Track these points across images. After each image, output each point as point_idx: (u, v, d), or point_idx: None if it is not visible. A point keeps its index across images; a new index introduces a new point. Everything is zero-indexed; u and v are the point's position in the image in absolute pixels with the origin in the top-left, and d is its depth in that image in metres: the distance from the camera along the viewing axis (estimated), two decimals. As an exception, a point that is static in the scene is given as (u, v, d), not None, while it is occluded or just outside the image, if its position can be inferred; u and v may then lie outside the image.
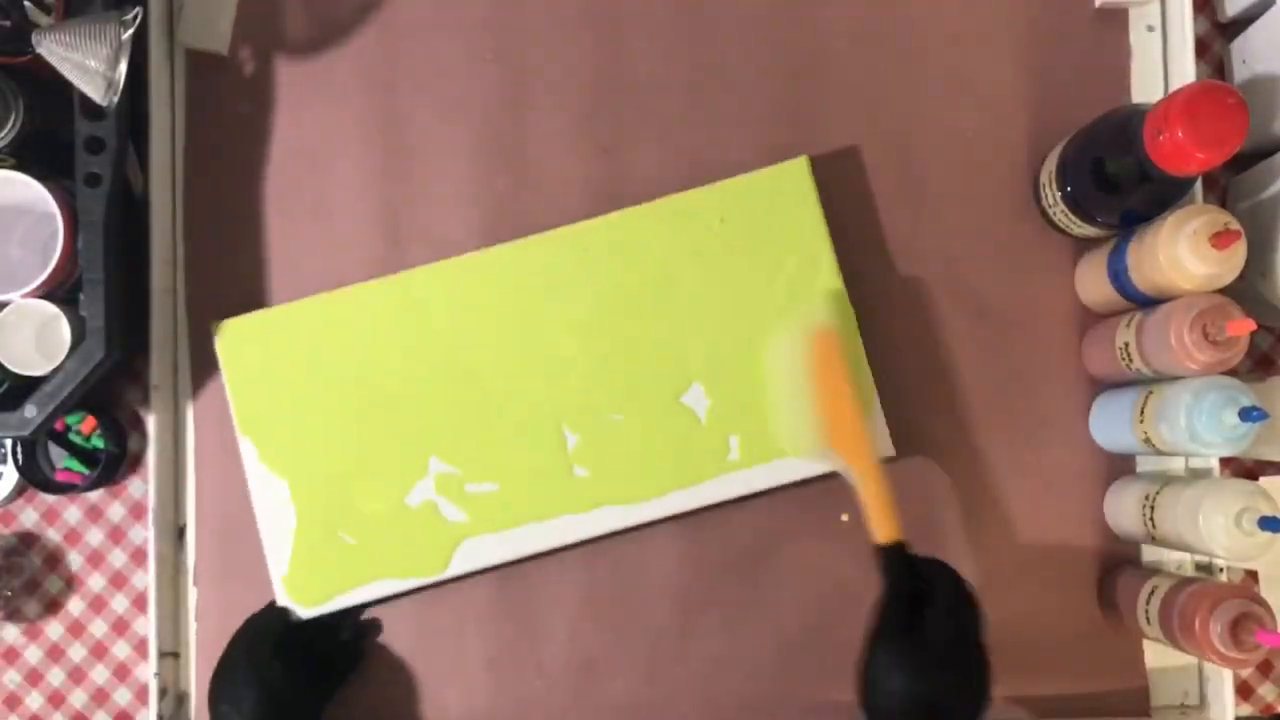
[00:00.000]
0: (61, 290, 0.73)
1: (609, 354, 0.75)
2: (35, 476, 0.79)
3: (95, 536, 0.81)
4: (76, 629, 0.81)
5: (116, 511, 0.81)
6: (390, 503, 0.74)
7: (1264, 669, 0.81)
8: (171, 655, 0.78)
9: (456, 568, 0.75)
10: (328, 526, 0.75)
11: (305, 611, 0.75)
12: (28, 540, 0.81)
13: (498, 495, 0.74)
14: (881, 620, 0.65)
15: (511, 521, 0.74)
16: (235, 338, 0.75)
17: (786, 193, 0.75)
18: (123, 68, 0.66)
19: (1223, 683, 0.76)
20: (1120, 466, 0.79)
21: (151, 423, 0.78)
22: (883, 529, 0.68)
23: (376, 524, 0.75)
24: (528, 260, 0.75)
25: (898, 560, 0.67)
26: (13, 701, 0.81)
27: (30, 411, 0.69)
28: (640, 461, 0.74)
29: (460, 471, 0.74)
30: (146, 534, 0.78)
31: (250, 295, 0.79)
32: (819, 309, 0.74)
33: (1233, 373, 0.67)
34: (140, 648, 0.81)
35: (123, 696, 0.81)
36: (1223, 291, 0.67)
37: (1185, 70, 0.78)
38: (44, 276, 0.70)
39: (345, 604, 0.75)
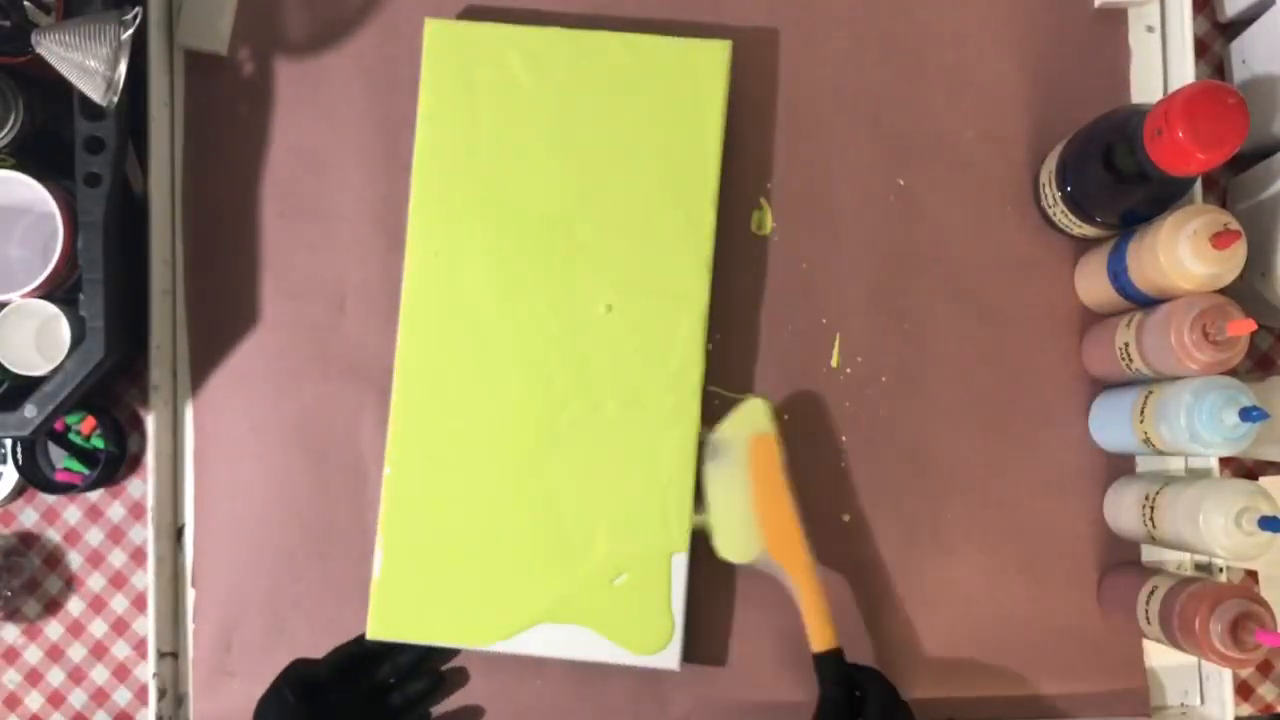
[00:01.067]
0: (61, 290, 0.73)
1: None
2: (35, 476, 0.79)
3: (95, 536, 0.81)
4: (76, 629, 0.81)
5: (116, 511, 0.81)
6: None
7: (1264, 669, 0.81)
8: (170, 655, 0.78)
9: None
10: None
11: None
12: (28, 540, 0.81)
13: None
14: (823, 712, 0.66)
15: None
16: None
17: (698, 72, 0.75)
18: (122, 68, 0.66)
19: (1223, 683, 0.77)
20: (1120, 466, 0.79)
21: (151, 423, 0.78)
22: (820, 637, 0.69)
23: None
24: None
25: (834, 668, 0.68)
26: (13, 701, 0.81)
27: (30, 411, 0.69)
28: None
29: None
30: (146, 534, 0.78)
31: (249, 295, 0.79)
32: (757, 415, 0.73)
33: (1233, 373, 0.67)
34: (140, 648, 0.81)
35: (122, 696, 0.81)
36: (1223, 291, 0.67)
37: (1185, 70, 0.78)
38: (44, 276, 0.70)
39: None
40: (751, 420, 0.73)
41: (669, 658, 0.73)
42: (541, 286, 0.75)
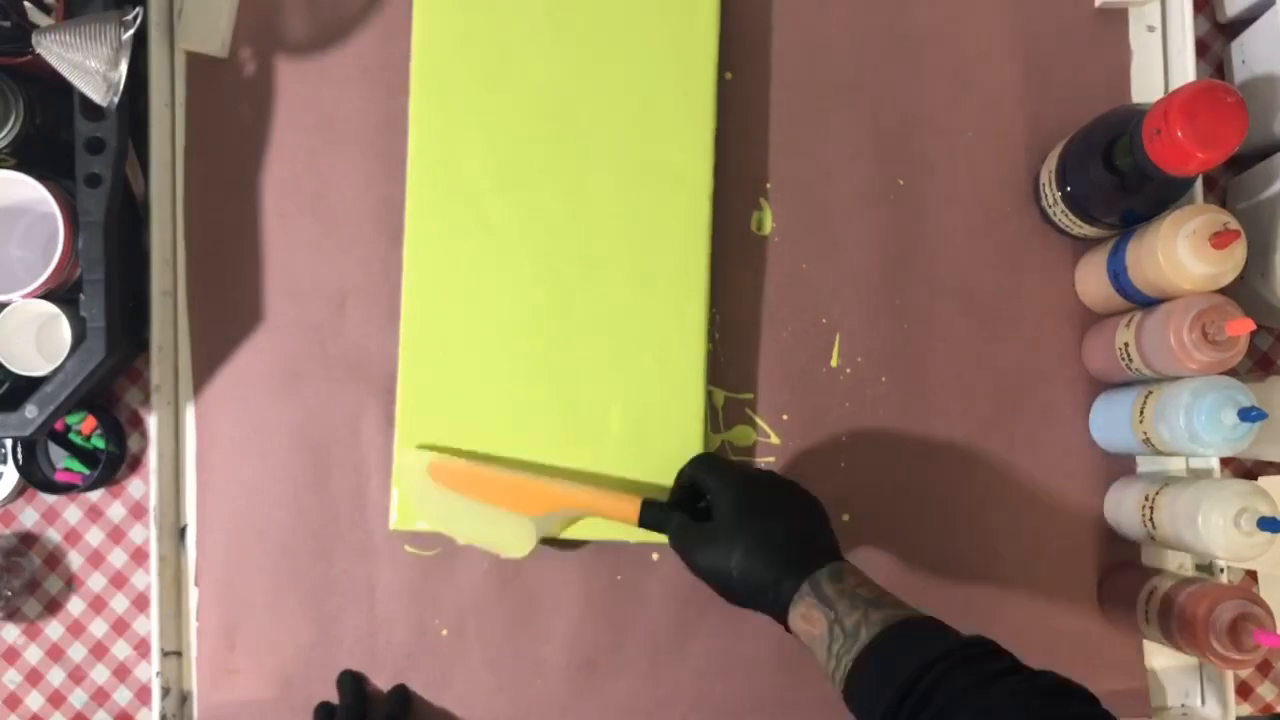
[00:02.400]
0: (61, 290, 0.74)
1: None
2: (35, 476, 0.79)
3: (95, 536, 0.81)
4: (76, 629, 0.81)
5: (116, 511, 0.81)
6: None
7: (1264, 669, 0.81)
8: (174, 654, 0.78)
9: None
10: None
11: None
12: (28, 540, 0.81)
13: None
14: (676, 537, 0.67)
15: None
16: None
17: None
18: (123, 68, 0.66)
19: (1223, 683, 0.77)
20: (1120, 466, 0.79)
21: (152, 423, 0.78)
22: (625, 512, 0.69)
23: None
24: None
25: (657, 511, 0.69)
26: (13, 702, 0.81)
27: (30, 412, 0.69)
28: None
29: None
30: (147, 534, 0.78)
31: (250, 295, 0.79)
32: (413, 460, 0.73)
33: (1232, 373, 0.67)
34: (140, 647, 0.81)
35: (123, 696, 0.81)
36: (1222, 291, 0.67)
37: (1185, 70, 0.78)
38: (44, 277, 0.70)
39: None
40: (415, 466, 0.73)
41: None
42: (542, 169, 0.75)
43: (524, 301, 0.75)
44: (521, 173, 0.75)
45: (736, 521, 0.64)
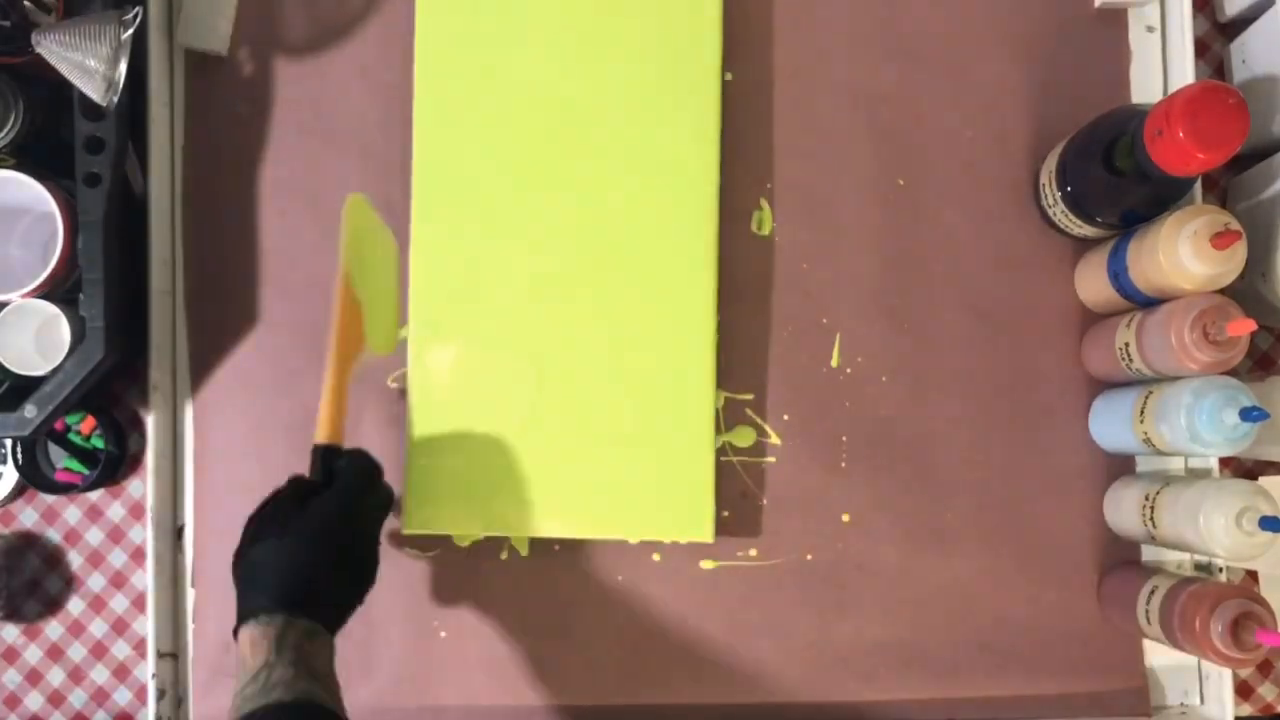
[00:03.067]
0: (61, 290, 0.73)
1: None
2: (35, 476, 0.79)
3: (95, 536, 0.81)
4: (76, 629, 0.81)
5: (116, 511, 0.81)
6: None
7: (1264, 669, 0.82)
8: (170, 656, 0.78)
9: None
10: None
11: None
12: (28, 540, 0.81)
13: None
14: (271, 497, 0.65)
15: None
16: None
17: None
18: (122, 68, 0.66)
19: (1223, 683, 0.77)
20: (1120, 466, 0.79)
21: (150, 422, 0.77)
22: (321, 429, 0.67)
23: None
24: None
25: (320, 458, 0.67)
26: (13, 701, 0.81)
27: (30, 411, 0.69)
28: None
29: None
30: (146, 534, 0.78)
31: (249, 295, 0.79)
32: (352, 208, 0.72)
33: (1233, 373, 0.67)
34: (140, 647, 0.81)
35: (123, 696, 0.81)
36: (1223, 291, 0.67)
37: (1185, 70, 0.78)
38: (44, 276, 0.70)
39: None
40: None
41: (703, 532, 0.75)
42: (546, 170, 0.75)
43: (529, 302, 0.75)
44: (525, 173, 0.75)
45: (320, 524, 0.62)
